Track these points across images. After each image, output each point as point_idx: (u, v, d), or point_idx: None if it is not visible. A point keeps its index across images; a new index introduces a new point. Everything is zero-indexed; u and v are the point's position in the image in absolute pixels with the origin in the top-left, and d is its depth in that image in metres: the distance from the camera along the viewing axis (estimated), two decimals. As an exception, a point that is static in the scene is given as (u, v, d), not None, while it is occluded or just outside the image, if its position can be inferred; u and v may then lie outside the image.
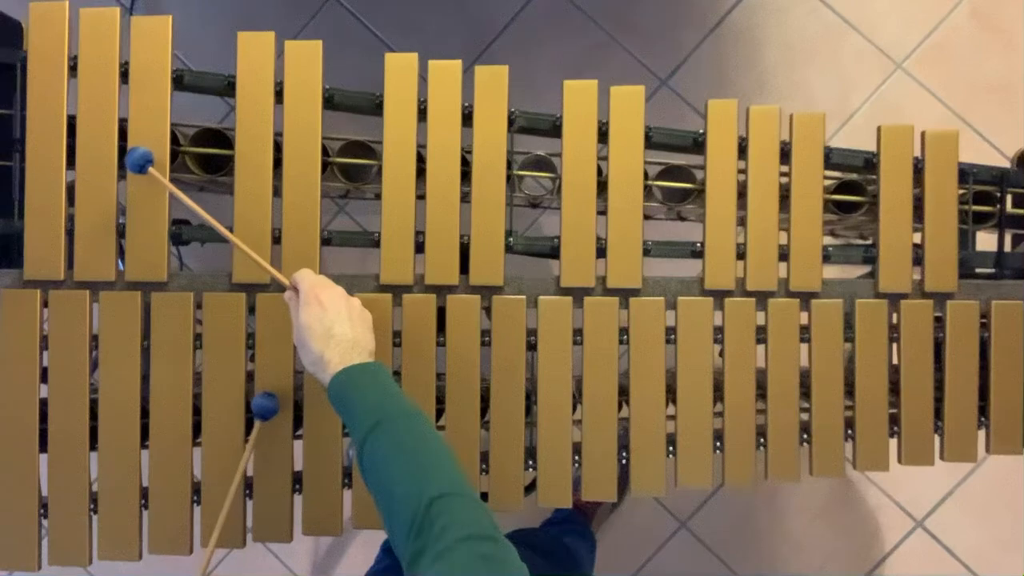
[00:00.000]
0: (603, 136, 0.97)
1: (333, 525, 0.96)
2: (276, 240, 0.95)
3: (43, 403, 0.95)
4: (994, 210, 1.07)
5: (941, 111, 1.77)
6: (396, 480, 0.68)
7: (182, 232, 0.98)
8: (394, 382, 0.80)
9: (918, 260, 0.99)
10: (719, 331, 0.98)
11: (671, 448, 0.99)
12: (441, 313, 0.96)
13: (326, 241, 0.97)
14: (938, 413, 1.01)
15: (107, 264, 0.94)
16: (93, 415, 0.95)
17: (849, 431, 1.00)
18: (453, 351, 0.96)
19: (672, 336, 0.97)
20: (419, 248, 0.96)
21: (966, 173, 1.03)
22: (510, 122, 0.98)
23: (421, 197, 0.96)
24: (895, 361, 1.00)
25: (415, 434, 0.73)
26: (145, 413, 0.95)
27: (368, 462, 0.72)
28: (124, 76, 0.94)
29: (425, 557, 0.61)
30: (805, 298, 0.98)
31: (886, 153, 0.99)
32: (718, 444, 0.99)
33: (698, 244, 0.99)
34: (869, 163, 1.04)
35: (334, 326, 0.80)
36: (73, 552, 0.95)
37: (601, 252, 0.97)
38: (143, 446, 0.95)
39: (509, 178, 0.98)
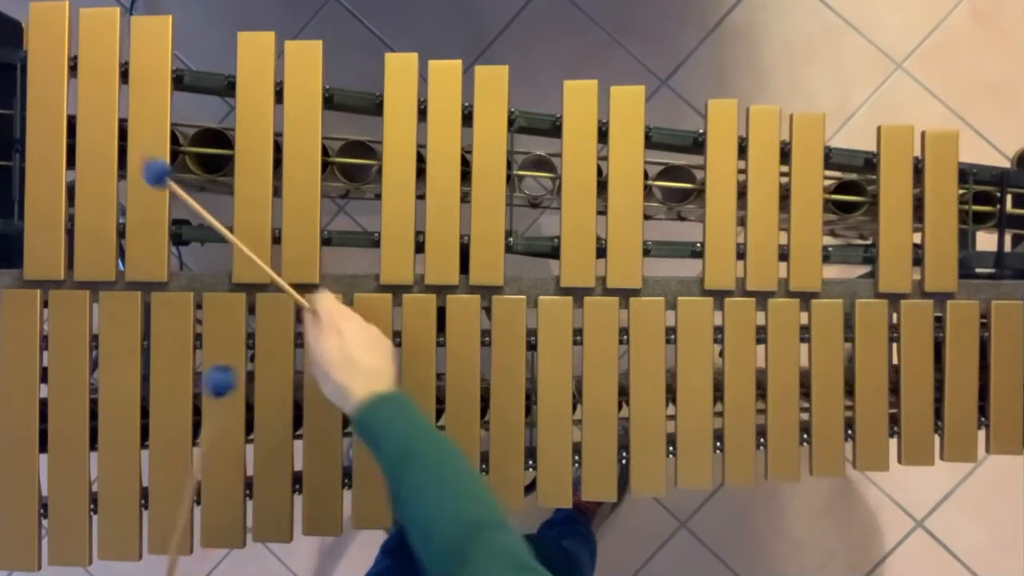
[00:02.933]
0: (603, 136, 0.97)
1: (333, 525, 0.96)
2: (276, 240, 0.95)
3: (43, 403, 0.95)
4: (994, 210, 1.07)
5: (941, 111, 1.77)
6: (435, 508, 0.68)
7: (182, 232, 0.98)
8: (420, 410, 0.79)
9: (918, 260, 0.99)
10: (719, 331, 0.98)
11: (671, 448, 0.99)
12: (441, 313, 0.96)
13: (326, 241, 0.97)
14: (938, 413, 1.01)
15: (107, 264, 0.94)
16: (93, 415, 0.95)
17: (849, 431, 1.00)
18: (453, 351, 0.96)
19: (672, 336, 0.97)
20: (419, 248, 0.96)
21: (966, 173, 1.03)
22: (510, 122, 0.98)
23: (421, 197, 0.96)
24: (895, 361, 1.00)
25: (449, 463, 0.73)
26: (145, 413, 0.95)
27: (404, 492, 0.71)
28: (124, 76, 0.94)
29: None
30: (805, 298, 0.98)
31: (886, 153, 0.99)
32: (718, 444, 0.99)
33: (698, 244, 0.99)
34: (869, 163, 1.04)
35: (354, 354, 0.79)
36: (73, 552, 0.95)
37: (601, 252, 0.96)
38: (143, 446, 0.95)
39: (509, 178, 0.98)
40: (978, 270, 1.05)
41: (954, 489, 1.76)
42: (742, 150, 0.98)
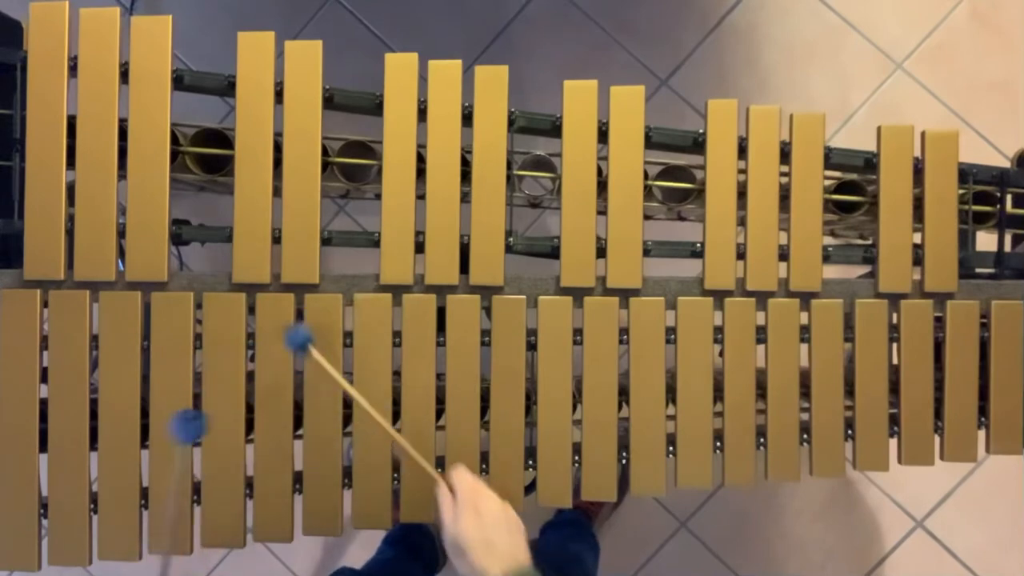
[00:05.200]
0: (603, 136, 0.97)
1: (333, 525, 0.96)
2: (276, 240, 0.95)
3: (43, 403, 0.95)
4: (994, 210, 1.07)
5: (941, 111, 1.78)
6: None
7: (182, 232, 0.97)
8: None
9: (918, 260, 0.99)
10: (719, 331, 0.98)
11: (671, 448, 0.98)
12: (441, 313, 0.96)
13: (326, 241, 0.97)
14: (938, 413, 1.01)
15: (107, 264, 0.94)
16: (93, 415, 0.95)
17: (849, 431, 1.00)
18: (453, 351, 0.96)
19: (672, 336, 0.97)
20: (419, 248, 0.96)
21: (966, 173, 1.03)
22: (510, 122, 0.98)
23: (421, 197, 0.96)
24: (895, 361, 1.00)
25: None
26: (145, 413, 0.95)
27: None
28: (124, 76, 0.94)
29: None
30: (805, 298, 0.98)
31: (886, 153, 0.99)
32: (718, 444, 0.99)
33: (698, 244, 0.99)
34: (869, 163, 1.04)
35: (492, 536, 0.79)
36: (73, 552, 0.95)
37: (601, 252, 0.96)
38: (143, 446, 0.95)
39: (509, 178, 0.98)
40: (978, 270, 1.05)
41: (954, 489, 1.76)
42: (742, 150, 0.98)
